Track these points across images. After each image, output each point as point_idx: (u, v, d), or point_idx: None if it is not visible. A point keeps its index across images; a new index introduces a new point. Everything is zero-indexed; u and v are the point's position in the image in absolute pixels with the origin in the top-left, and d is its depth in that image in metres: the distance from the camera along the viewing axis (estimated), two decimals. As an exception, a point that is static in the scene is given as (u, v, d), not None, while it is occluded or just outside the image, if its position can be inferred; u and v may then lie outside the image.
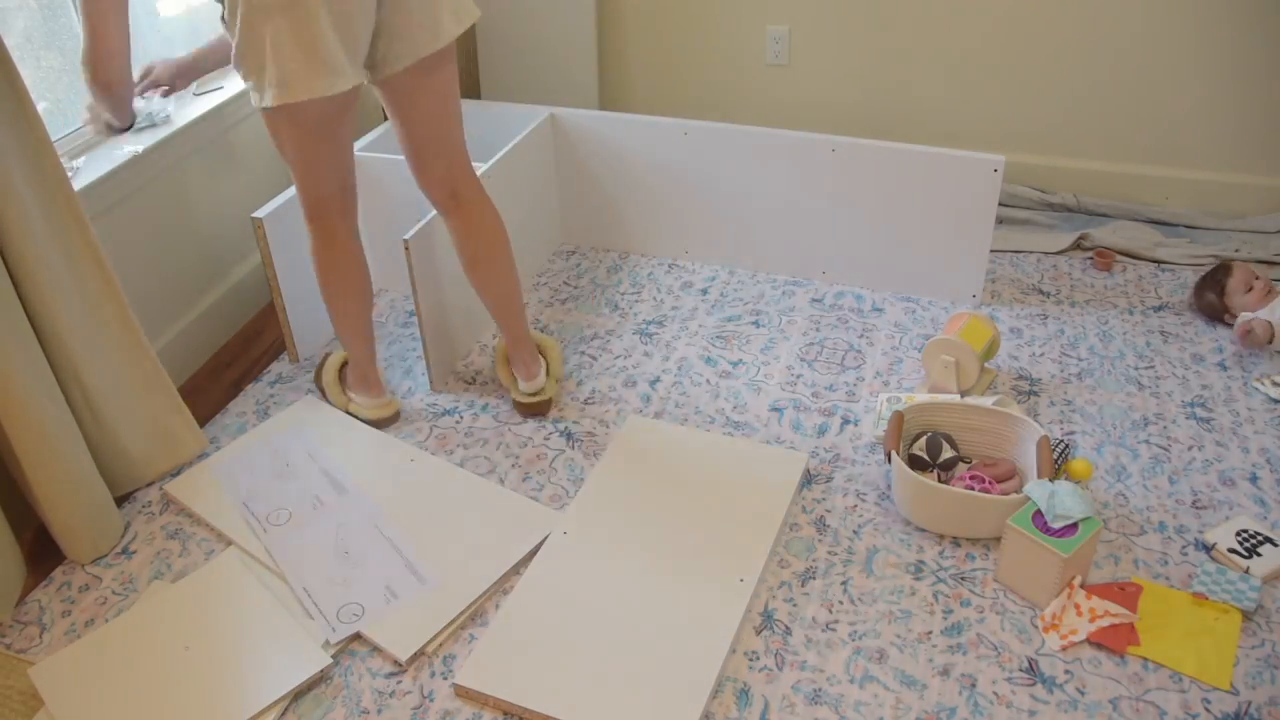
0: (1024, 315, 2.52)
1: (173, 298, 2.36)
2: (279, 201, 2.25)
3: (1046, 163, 3.02)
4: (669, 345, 2.44)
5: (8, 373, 1.66)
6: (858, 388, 2.28)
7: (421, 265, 2.14)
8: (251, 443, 2.13)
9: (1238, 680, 1.60)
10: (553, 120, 2.72)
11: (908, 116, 3.07)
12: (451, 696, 1.61)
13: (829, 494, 1.99)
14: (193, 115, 2.33)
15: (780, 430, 2.15)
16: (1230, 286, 2.40)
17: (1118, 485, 1.99)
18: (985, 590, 1.77)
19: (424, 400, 2.27)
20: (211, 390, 2.35)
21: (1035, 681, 1.61)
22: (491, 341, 2.47)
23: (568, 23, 3.13)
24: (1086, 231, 2.81)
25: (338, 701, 1.61)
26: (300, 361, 2.41)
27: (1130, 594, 1.73)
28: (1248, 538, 1.82)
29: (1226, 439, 2.09)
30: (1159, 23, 2.75)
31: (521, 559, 1.84)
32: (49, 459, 1.75)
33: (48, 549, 1.89)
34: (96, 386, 1.87)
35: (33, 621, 1.77)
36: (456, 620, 1.72)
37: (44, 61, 2.12)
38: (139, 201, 2.21)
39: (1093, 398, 2.23)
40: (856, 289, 2.64)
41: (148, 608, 1.76)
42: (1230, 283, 2.40)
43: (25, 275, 1.71)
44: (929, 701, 1.58)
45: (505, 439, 2.15)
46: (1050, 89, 2.93)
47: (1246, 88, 2.77)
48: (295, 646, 1.67)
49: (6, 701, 1.62)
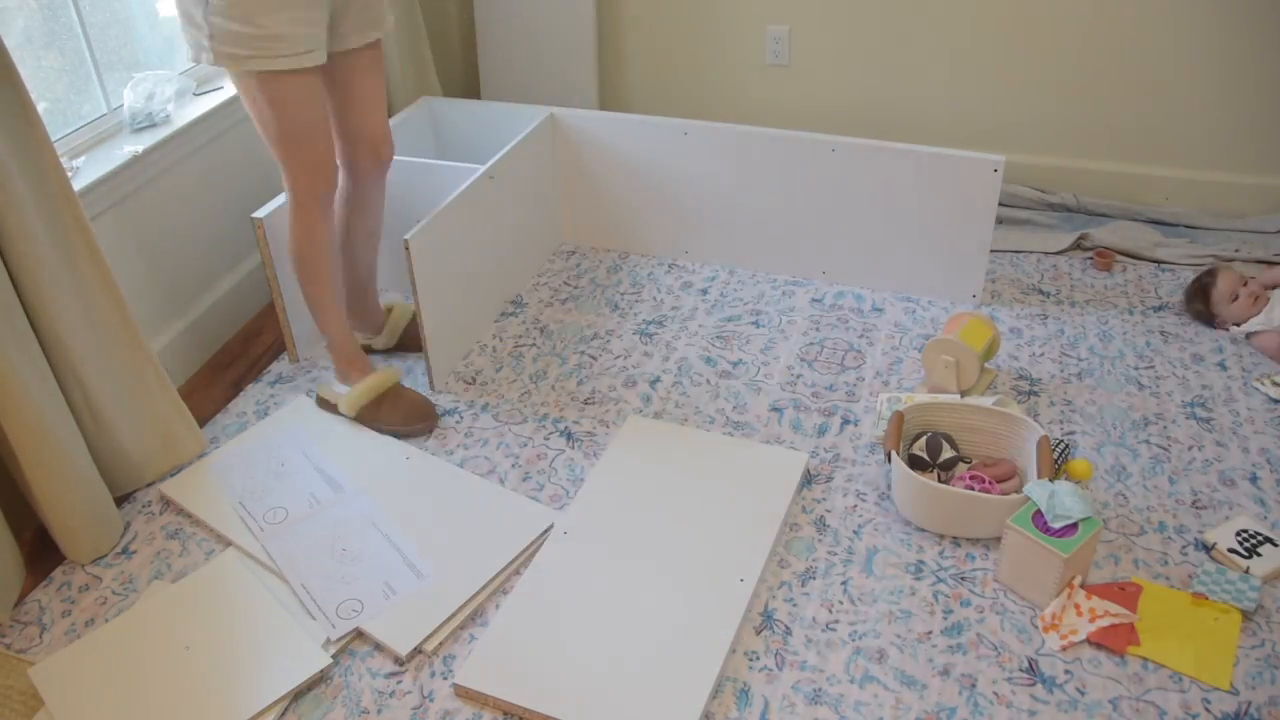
0: (1024, 315, 2.52)
1: (173, 298, 2.36)
2: (279, 201, 2.25)
3: (1046, 163, 3.02)
4: (669, 345, 2.44)
5: (8, 373, 1.66)
6: (858, 388, 2.28)
7: (422, 265, 2.14)
8: (247, 443, 2.13)
9: (1238, 680, 1.60)
10: (552, 120, 2.72)
11: (908, 116, 3.07)
12: (451, 696, 1.61)
13: (829, 494, 1.99)
14: (193, 115, 2.33)
15: (780, 430, 2.15)
16: (1215, 297, 2.38)
17: (1118, 485, 1.99)
18: (985, 590, 1.77)
19: (424, 400, 2.27)
20: (211, 390, 2.35)
21: (1035, 681, 1.61)
22: (492, 341, 2.47)
23: (568, 23, 3.13)
24: (1086, 231, 2.81)
25: (338, 701, 1.61)
26: (300, 361, 2.41)
27: (1130, 594, 1.73)
28: (1248, 538, 1.82)
29: (1226, 439, 2.09)
30: (1159, 23, 2.75)
31: (521, 559, 1.84)
32: (49, 459, 1.75)
33: (48, 549, 1.89)
34: (96, 386, 1.87)
35: (33, 621, 1.77)
36: (455, 618, 1.73)
37: (44, 61, 2.12)
38: (139, 201, 2.21)
39: (1093, 398, 2.23)
40: (856, 289, 2.64)
41: (148, 608, 1.76)
42: (1215, 293, 2.38)
43: (25, 275, 1.71)
44: (929, 701, 1.58)
45: (505, 439, 2.15)
46: (1050, 89, 2.93)
47: (1246, 88, 2.77)
48: (295, 646, 1.67)
49: (6, 701, 1.62)
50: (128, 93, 2.26)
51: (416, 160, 2.45)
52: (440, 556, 1.84)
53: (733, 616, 1.70)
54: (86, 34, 2.18)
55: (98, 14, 2.23)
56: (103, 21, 2.25)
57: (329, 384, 2.23)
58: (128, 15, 2.33)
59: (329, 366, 2.38)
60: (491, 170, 2.38)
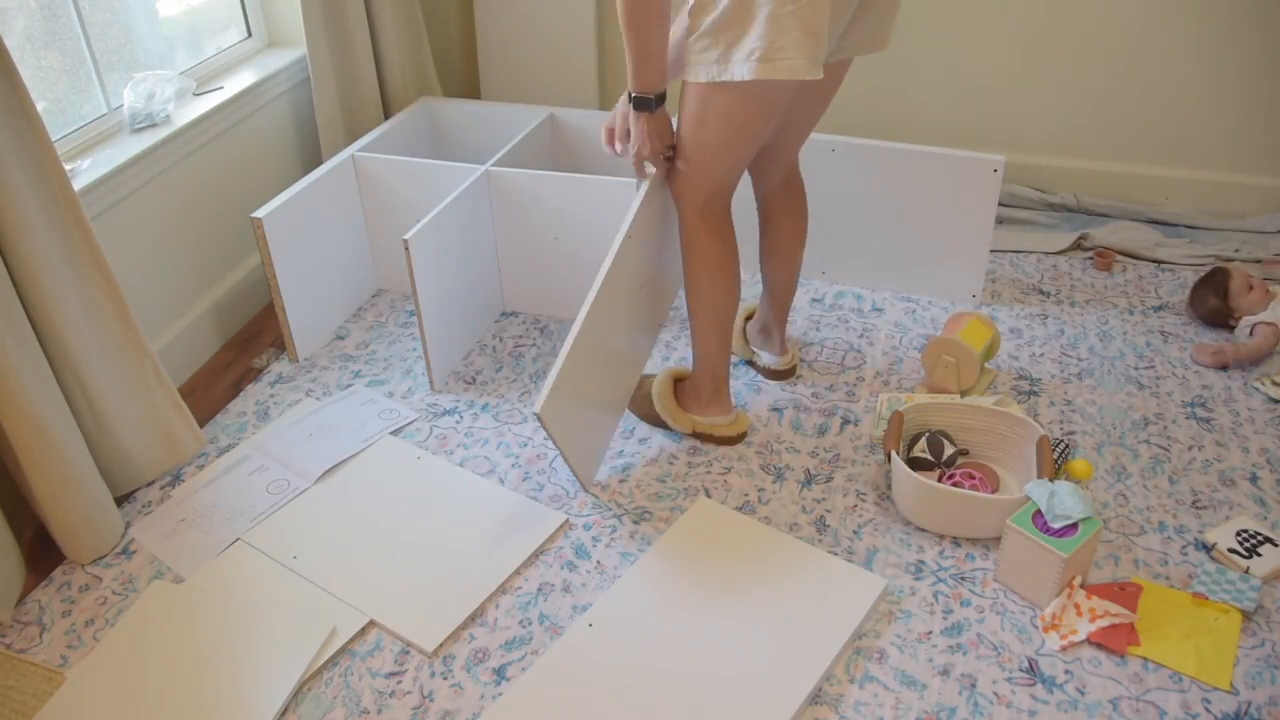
0: (1024, 315, 2.52)
1: (173, 298, 2.36)
2: (279, 201, 2.25)
3: (1046, 163, 3.02)
4: (669, 345, 2.44)
5: (8, 372, 1.66)
6: (858, 388, 2.28)
7: (421, 265, 2.14)
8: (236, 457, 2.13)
9: (1238, 680, 1.60)
10: (552, 120, 2.72)
11: (908, 116, 3.07)
12: (452, 696, 1.61)
13: (829, 494, 1.99)
14: (193, 115, 2.33)
15: (780, 430, 2.15)
16: (1234, 289, 2.40)
17: (1118, 485, 1.99)
18: (985, 590, 1.77)
19: (424, 400, 2.27)
20: (211, 390, 2.35)
21: (1035, 681, 1.61)
22: (492, 341, 2.47)
23: (568, 23, 3.13)
24: (1086, 231, 2.81)
25: (338, 701, 1.61)
26: (300, 361, 2.41)
27: (1130, 594, 1.73)
28: (1248, 538, 1.82)
29: (1226, 439, 2.09)
30: (1159, 23, 2.75)
31: (523, 560, 1.84)
32: (49, 459, 1.75)
33: (48, 549, 1.89)
34: (96, 386, 1.87)
35: (33, 621, 1.77)
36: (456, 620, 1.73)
37: (44, 61, 2.12)
38: (139, 201, 2.21)
39: (1093, 398, 2.23)
40: (856, 289, 2.64)
41: (148, 608, 1.76)
42: (1233, 285, 2.40)
43: (25, 275, 1.71)
44: (929, 701, 1.58)
45: (505, 439, 2.15)
46: (1050, 89, 2.93)
47: (1246, 88, 2.77)
48: (295, 646, 1.67)
49: (6, 701, 1.62)
50: (128, 93, 2.26)
51: (416, 160, 2.45)
52: (441, 557, 1.84)
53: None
54: (86, 34, 2.18)
55: (98, 14, 2.23)
56: (103, 21, 2.25)
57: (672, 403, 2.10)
58: (128, 15, 2.33)
59: (329, 366, 2.38)
60: (491, 170, 2.37)
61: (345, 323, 2.56)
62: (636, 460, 2.08)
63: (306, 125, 2.75)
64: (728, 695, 1.57)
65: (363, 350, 2.45)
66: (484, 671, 1.65)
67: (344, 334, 2.52)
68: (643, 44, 1.66)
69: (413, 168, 2.46)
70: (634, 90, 1.74)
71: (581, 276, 2.44)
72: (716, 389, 2.06)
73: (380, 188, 2.51)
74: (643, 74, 1.70)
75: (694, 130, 1.77)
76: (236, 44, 2.68)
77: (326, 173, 2.41)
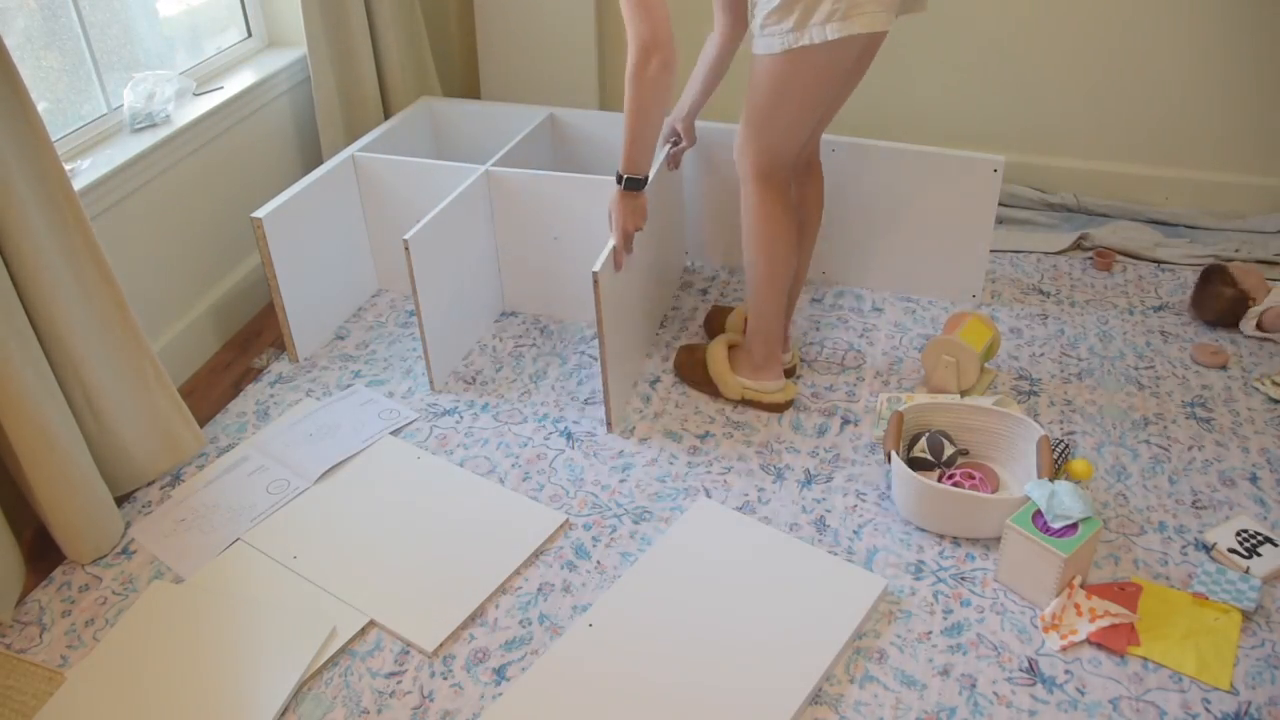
0: (1024, 315, 2.52)
1: (173, 298, 2.36)
2: (279, 201, 2.25)
3: (1046, 163, 3.02)
4: (669, 346, 2.44)
5: (8, 372, 1.66)
6: (858, 388, 2.28)
7: (421, 265, 2.14)
8: (236, 457, 2.13)
9: (1238, 680, 1.60)
10: (552, 120, 2.72)
11: (908, 116, 3.07)
12: (452, 696, 1.61)
13: (829, 494, 1.99)
14: (193, 115, 2.33)
15: (780, 430, 2.15)
16: (1238, 275, 2.41)
17: (1118, 485, 1.99)
18: (985, 590, 1.77)
19: (424, 400, 2.27)
20: (211, 390, 2.35)
21: (1035, 681, 1.61)
22: (492, 341, 2.47)
23: (568, 23, 3.13)
24: (1086, 231, 2.81)
25: (338, 701, 1.61)
26: (300, 361, 2.41)
27: (1130, 594, 1.73)
28: (1248, 538, 1.82)
29: (1226, 439, 2.09)
30: (1159, 23, 2.75)
31: (523, 560, 1.84)
32: (49, 458, 1.75)
33: (48, 549, 1.89)
34: (97, 386, 1.87)
35: (33, 621, 1.77)
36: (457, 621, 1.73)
37: (44, 61, 2.12)
38: (139, 201, 2.21)
39: (1093, 398, 2.23)
40: (856, 289, 2.64)
41: (148, 608, 1.76)
42: (1235, 272, 2.41)
43: (25, 275, 1.71)
44: (929, 701, 1.58)
45: (505, 439, 2.15)
46: (1050, 89, 2.93)
47: (1246, 88, 2.77)
48: (295, 646, 1.67)
49: (6, 701, 1.62)
50: (128, 93, 2.26)
51: (416, 160, 2.45)
52: (442, 557, 1.84)
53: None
54: (86, 34, 2.18)
55: (98, 14, 2.23)
56: (103, 21, 2.25)
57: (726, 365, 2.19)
58: (128, 15, 2.33)
59: (329, 366, 2.38)
60: (491, 170, 2.37)
61: (345, 323, 2.56)
62: (636, 460, 2.08)
63: (306, 125, 2.75)
64: (728, 695, 1.57)
65: (363, 350, 2.45)
66: (484, 671, 1.65)
67: (344, 334, 2.52)
68: (642, 130, 1.84)
69: (413, 168, 2.46)
70: (626, 172, 1.90)
71: (581, 276, 2.44)
72: (769, 353, 2.14)
73: (380, 188, 2.51)
74: (637, 157, 1.87)
75: (765, 100, 1.86)
76: (236, 44, 2.69)
77: (326, 173, 2.41)
